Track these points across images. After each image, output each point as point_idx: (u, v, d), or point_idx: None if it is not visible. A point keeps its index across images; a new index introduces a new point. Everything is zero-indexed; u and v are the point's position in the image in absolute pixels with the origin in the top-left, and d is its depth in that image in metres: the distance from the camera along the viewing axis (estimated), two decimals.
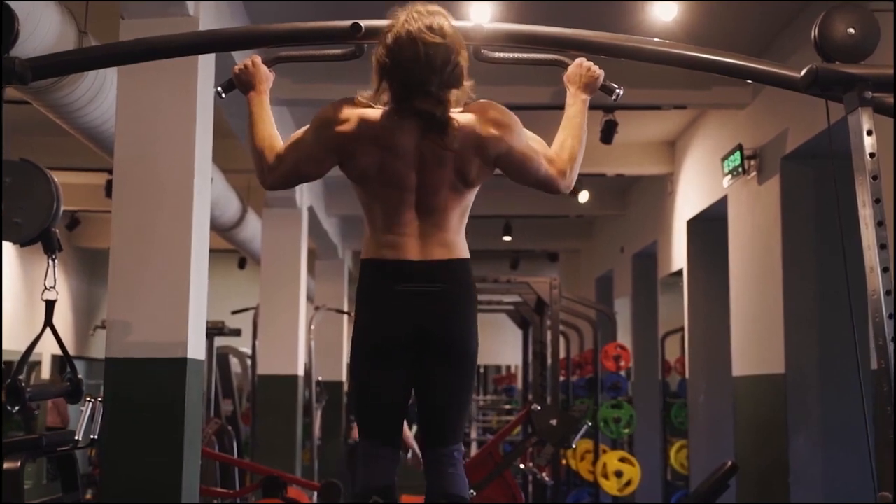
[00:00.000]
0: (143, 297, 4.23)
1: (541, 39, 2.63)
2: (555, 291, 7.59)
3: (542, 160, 2.66)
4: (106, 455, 4.18)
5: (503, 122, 2.59)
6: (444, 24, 2.47)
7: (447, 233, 2.57)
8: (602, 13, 5.49)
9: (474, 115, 2.55)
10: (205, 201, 4.54)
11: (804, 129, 6.00)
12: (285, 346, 8.25)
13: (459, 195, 2.60)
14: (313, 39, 2.65)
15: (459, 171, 2.55)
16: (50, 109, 4.84)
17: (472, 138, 2.53)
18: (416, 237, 2.55)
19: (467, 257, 2.62)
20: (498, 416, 14.99)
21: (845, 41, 2.28)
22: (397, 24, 2.48)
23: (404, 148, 2.51)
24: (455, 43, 2.47)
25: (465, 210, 2.64)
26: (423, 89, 2.44)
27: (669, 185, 9.17)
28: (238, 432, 9.10)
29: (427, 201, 2.55)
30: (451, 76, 2.47)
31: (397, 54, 2.44)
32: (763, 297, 6.69)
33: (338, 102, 2.59)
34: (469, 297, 2.60)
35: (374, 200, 2.58)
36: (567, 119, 2.76)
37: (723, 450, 7.74)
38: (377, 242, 2.58)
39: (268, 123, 2.70)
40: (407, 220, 2.55)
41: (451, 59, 2.45)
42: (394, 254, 2.55)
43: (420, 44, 2.42)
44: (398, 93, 2.47)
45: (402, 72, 2.44)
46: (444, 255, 2.56)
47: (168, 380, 4.18)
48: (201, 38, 2.77)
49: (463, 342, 2.57)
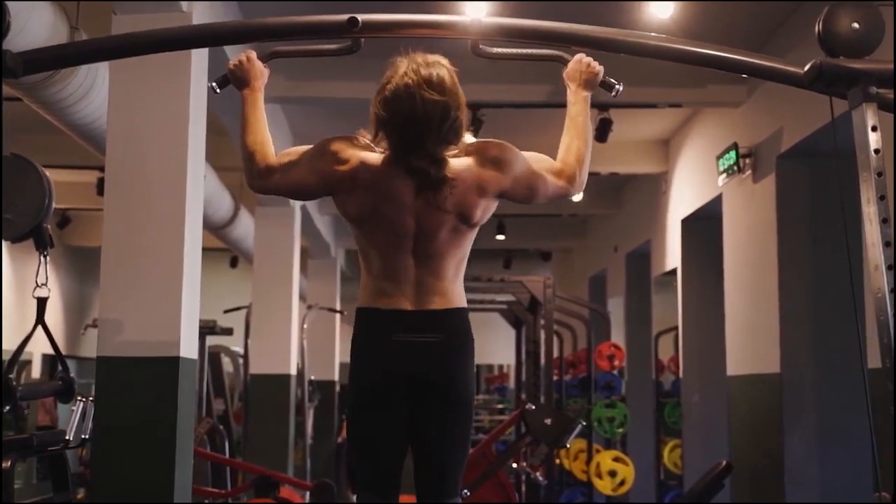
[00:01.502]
0: (135, 295, 4.19)
1: (540, 34, 2.60)
2: (548, 290, 7.56)
3: (547, 178, 2.63)
4: (97, 455, 4.14)
5: (502, 159, 2.56)
6: (445, 77, 2.44)
7: (444, 281, 2.52)
8: (597, 11, 5.46)
9: (472, 159, 2.52)
10: (198, 199, 4.50)
11: (800, 128, 5.99)
12: (278, 346, 8.21)
13: (460, 238, 2.54)
14: (309, 34, 2.62)
15: (462, 214, 2.52)
16: (41, 106, 4.80)
17: (471, 183, 2.50)
18: (412, 286, 2.50)
19: (464, 307, 2.57)
20: (490, 416, 14.97)
21: (849, 36, 2.25)
22: (396, 75, 2.45)
23: (402, 198, 2.47)
24: (454, 97, 2.44)
25: (464, 257, 2.59)
26: (420, 146, 2.40)
27: (663, 183, 9.15)
28: (230, 432, 9.06)
29: (425, 248, 2.50)
30: (449, 132, 2.43)
31: (395, 108, 2.41)
32: (758, 297, 6.67)
33: (341, 139, 2.54)
34: (465, 347, 2.55)
35: (370, 245, 2.53)
36: (570, 119, 2.73)
37: (717, 449, 7.73)
38: (372, 291, 2.52)
39: (260, 123, 2.66)
40: (403, 268, 2.50)
41: (450, 115, 2.42)
42: (389, 303, 2.50)
43: (418, 99, 2.39)
44: (394, 147, 2.44)
45: (399, 127, 2.41)
46: (440, 305, 2.51)
47: (160, 379, 4.15)
48: (195, 32, 2.73)
49: (459, 388, 2.52)
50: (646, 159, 9.07)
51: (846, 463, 6.08)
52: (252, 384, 8.44)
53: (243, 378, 9.84)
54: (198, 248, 4.47)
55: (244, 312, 9.41)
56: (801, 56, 2.45)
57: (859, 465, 5.93)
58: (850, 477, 6.01)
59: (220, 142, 6.84)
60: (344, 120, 8.18)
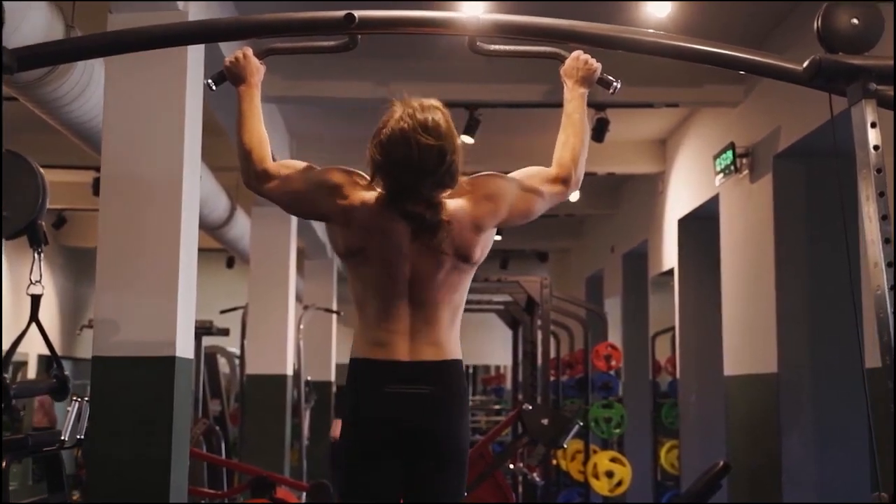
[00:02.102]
0: (131, 294, 4.17)
1: (537, 31, 2.59)
2: (545, 291, 7.54)
3: (543, 192, 2.62)
4: (92, 455, 4.12)
5: (495, 193, 2.54)
6: (440, 122, 2.41)
7: (439, 331, 2.48)
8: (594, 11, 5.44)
9: (466, 198, 2.49)
10: (194, 198, 4.49)
11: (797, 127, 5.98)
12: (274, 346, 8.19)
13: (458, 279, 2.51)
14: (305, 31, 2.60)
15: (461, 254, 2.50)
16: (37, 105, 4.78)
17: (468, 222, 2.48)
18: (406, 335, 2.46)
19: (459, 358, 2.53)
20: (487, 417, 14.96)
21: (848, 32, 2.24)
22: (391, 120, 2.43)
23: (397, 241, 2.44)
24: (450, 142, 2.41)
25: (459, 305, 2.55)
26: (415, 191, 2.38)
27: (660, 183, 9.15)
28: (226, 433, 9.05)
29: (420, 294, 2.47)
30: (445, 176, 2.41)
31: (390, 153, 2.39)
32: (755, 297, 6.67)
33: (344, 172, 2.51)
34: (459, 399, 2.50)
35: (365, 289, 2.50)
36: (567, 116, 2.71)
37: (714, 449, 7.72)
38: (366, 340, 2.49)
39: (257, 119, 2.64)
40: (398, 315, 2.47)
41: (446, 159, 2.40)
42: (383, 353, 2.46)
43: (414, 145, 2.36)
44: (390, 191, 2.42)
45: (395, 171, 2.39)
46: (434, 357, 2.47)
47: (156, 379, 4.13)
48: (191, 29, 2.72)
49: (452, 441, 2.48)
50: (643, 159, 9.06)
51: (844, 463, 6.07)
52: (248, 385, 8.42)
53: (240, 379, 9.82)
54: (194, 246, 4.45)
55: (241, 313, 9.40)
56: (799, 55, 2.43)
57: (857, 465, 5.93)
58: (848, 476, 6.01)
59: (217, 141, 6.82)
60: (340, 119, 8.24)
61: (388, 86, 6.70)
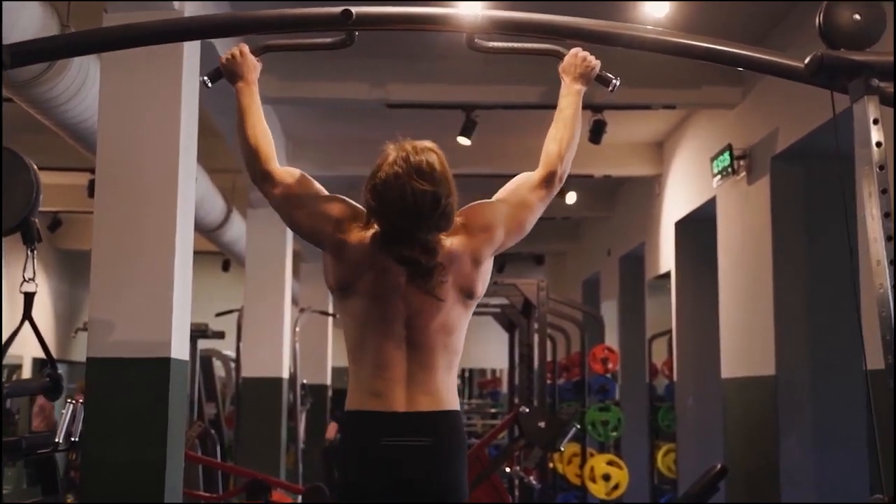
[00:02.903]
0: (126, 295, 4.15)
1: (536, 28, 2.57)
2: (542, 293, 7.52)
3: (530, 200, 2.59)
4: (87, 458, 4.09)
5: (489, 222, 2.51)
6: (435, 165, 2.38)
7: (435, 378, 2.44)
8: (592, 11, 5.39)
9: (461, 234, 2.46)
10: (189, 199, 4.46)
11: (795, 129, 5.97)
12: (270, 349, 8.16)
13: (457, 318, 2.48)
14: (302, 27, 2.58)
15: (463, 290, 2.47)
16: (31, 105, 4.76)
17: (466, 257, 2.46)
18: (402, 383, 2.41)
19: (456, 409, 2.49)
20: (482, 420, 14.92)
21: (850, 28, 2.22)
22: (385, 164, 2.39)
23: (393, 282, 2.41)
24: (444, 186, 2.37)
25: (457, 349, 2.51)
26: (410, 235, 2.35)
27: (657, 186, 9.13)
28: (221, 436, 9.01)
29: (417, 336, 2.43)
30: (440, 219, 2.38)
31: (384, 198, 2.35)
32: (753, 299, 6.65)
33: (349, 207, 2.47)
34: (457, 451, 2.46)
35: (358, 329, 2.45)
36: (560, 111, 2.69)
37: (711, 452, 7.70)
38: (362, 390, 2.44)
39: (258, 115, 2.62)
40: (394, 360, 2.42)
41: (440, 203, 2.36)
42: (378, 404, 2.41)
43: (408, 190, 2.32)
44: (385, 234, 2.38)
45: (390, 216, 2.35)
46: (430, 407, 2.42)
47: (151, 380, 4.10)
48: (187, 25, 2.69)
49: (450, 494, 2.43)
50: (639, 161, 9.05)
51: (842, 464, 6.06)
52: (244, 388, 8.39)
53: (235, 382, 9.79)
54: (190, 247, 4.43)
55: (236, 316, 9.37)
56: (797, 55, 2.41)
57: (856, 467, 5.91)
58: (847, 478, 5.99)
59: (212, 143, 6.80)
60: (336, 121, 8.22)
61: (385, 87, 6.68)
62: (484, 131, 7.26)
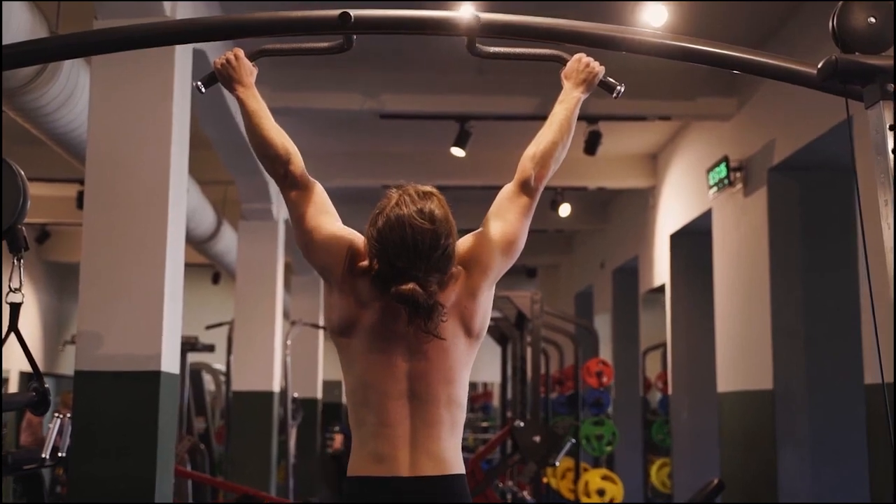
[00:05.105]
0: (116, 308, 4.07)
1: (539, 32, 2.49)
2: (536, 306, 7.45)
3: (516, 220, 2.51)
4: (75, 473, 4.01)
5: (481, 254, 2.45)
6: (435, 210, 2.34)
7: (440, 438, 2.35)
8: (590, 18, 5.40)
9: (457, 275, 2.40)
10: (181, 210, 4.40)
11: (792, 141, 5.93)
12: (261, 362, 8.08)
13: (459, 362, 2.41)
14: (299, 30, 2.50)
15: (463, 326, 2.41)
16: (20, 114, 4.68)
17: (463, 294, 2.40)
18: (405, 442, 2.33)
19: (462, 472, 2.40)
20: (474, 434, 14.83)
21: (865, 31, 2.15)
22: (387, 206, 2.35)
23: (393, 324, 2.34)
24: (445, 227, 2.34)
25: (462, 403, 2.43)
26: (410, 274, 2.30)
27: (651, 198, 9.09)
28: (211, 450, 8.92)
29: (420, 387, 2.35)
30: (440, 260, 2.33)
31: (385, 237, 2.31)
32: (750, 312, 6.60)
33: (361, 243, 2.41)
34: None
35: (360, 379, 2.37)
36: (552, 114, 2.61)
37: (706, 467, 7.65)
38: (363, 455, 2.36)
39: (267, 117, 2.54)
40: (397, 416, 2.33)
41: (440, 243, 2.32)
42: (381, 469, 2.33)
43: (408, 228, 2.29)
44: (385, 274, 2.33)
45: (389, 255, 2.31)
46: (435, 471, 2.34)
47: (141, 394, 4.03)
48: (181, 28, 2.62)
49: None
50: (634, 174, 9.01)
51: (841, 479, 6.01)
52: (235, 401, 8.30)
53: (225, 395, 9.70)
54: (180, 259, 4.36)
55: (226, 329, 9.28)
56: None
57: (854, 481, 5.86)
58: (845, 493, 5.94)
59: (203, 154, 6.73)
60: (328, 133, 8.15)
61: (378, 97, 6.62)
62: (478, 143, 7.21)
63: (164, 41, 2.54)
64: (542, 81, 6.29)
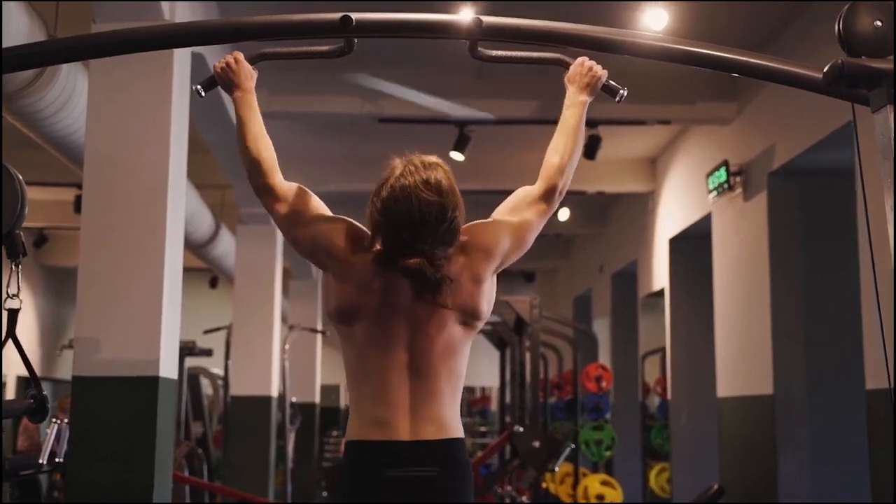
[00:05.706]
0: (114, 313, 4.05)
1: (541, 35, 2.47)
2: (535, 311, 7.43)
3: (531, 220, 2.51)
4: (72, 479, 3.98)
5: (490, 242, 2.43)
6: (442, 180, 2.32)
7: (440, 406, 2.35)
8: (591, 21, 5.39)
9: (462, 255, 2.38)
10: (179, 214, 4.38)
11: (792, 145, 5.92)
12: (259, 367, 8.07)
13: (461, 341, 2.39)
14: (299, 34, 2.47)
15: (467, 310, 2.38)
16: (17, 117, 4.66)
17: (468, 277, 2.37)
18: (406, 409, 2.32)
19: (461, 437, 2.40)
20: (472, 439, 14.81)
21: (871, 34, 2.13)
22: (392, 177, 2.32)
23: (397, 302, 2.32)
24: (451, 199, 2.31)
25: (461, 375, 2.42)
26: (416, 247, 2.27)
27: (651, 202, 9.08)
28: (209, 455, 8.89)
29: (421, 361, 2.34)
30: (446, 234, 2.30)
31: (390, 209, 2.28)
32: (750, 317, 6.58)
33: (354, 227, 2.39)
34: (463, 482, 2.36)
35: (360, 358, 2.36)
36: (562, 121, 2.61)
37: (706, 472, 7.63)
38: (362, 419, 2.35)
39: (259, 127, 2.54)
40: (397, 387, 2.32)
41: (447, 216, 2.30)
42: (380, 433, 2.31)
43: (414, 200, 2.26)
44: (391, 247, 2.30)
45: (395, 227, 2.28)
46: (435, 435, 2.33)
47: (138, 400, 4.01)
48: (180, 30, 2.59)
49: None
50: (633, 178, 9.00)
51: (841, 483, 5.99)
52: (232, 406, 8.28)
53: (223, 400, 9.67)
54: (179, 263, 4.34)
55: (224, 333, 9.25)
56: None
57: (854, 487, 5.84)
58: (846, 497, 5.92)
59: (201, 158, 6.70)
60: (326, 136, 8.13)
61: (377, 101, 6.60)
62: (478, 147, 7.18)
63: (163, 44, 2.52)
64: (540, 86, 6.28)
